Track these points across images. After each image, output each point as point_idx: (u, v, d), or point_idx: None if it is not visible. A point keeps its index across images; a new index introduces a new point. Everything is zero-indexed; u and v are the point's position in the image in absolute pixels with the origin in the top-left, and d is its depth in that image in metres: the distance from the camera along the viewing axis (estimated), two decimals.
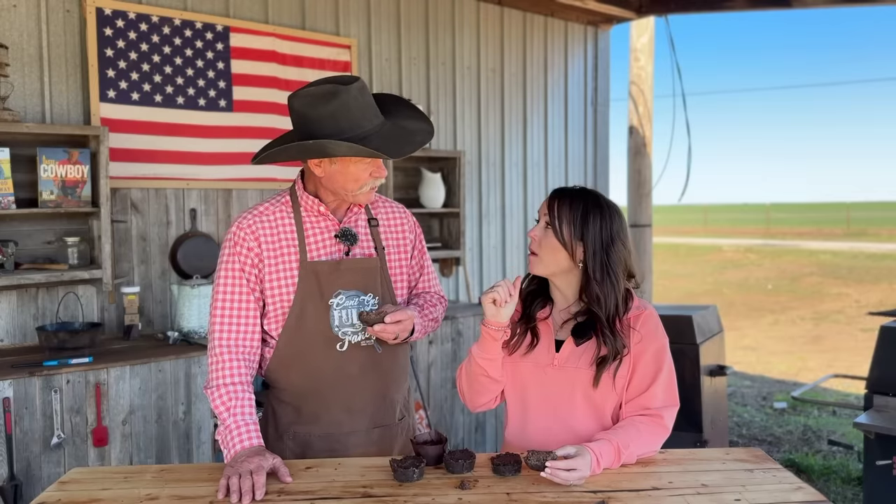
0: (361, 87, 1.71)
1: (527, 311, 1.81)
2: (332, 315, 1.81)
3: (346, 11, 4.25)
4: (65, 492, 1.57)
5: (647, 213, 6.07)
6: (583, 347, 1.73)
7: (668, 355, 1.77)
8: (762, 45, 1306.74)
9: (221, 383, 1.74)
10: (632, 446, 1.65)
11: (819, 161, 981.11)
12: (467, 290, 4.74)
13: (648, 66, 6.03)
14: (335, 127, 1.69)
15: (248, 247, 1.79)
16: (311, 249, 1.83)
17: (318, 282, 1.81)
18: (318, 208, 1.83)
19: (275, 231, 1.82)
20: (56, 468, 2.73)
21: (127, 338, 3.29)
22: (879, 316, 4.13)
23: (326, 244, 1.85)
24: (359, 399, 1.85)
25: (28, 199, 3.08)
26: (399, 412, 1.95)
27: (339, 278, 1.82)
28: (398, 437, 1.93)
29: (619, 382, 1.72)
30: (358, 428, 1.86)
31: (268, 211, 1.84)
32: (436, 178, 4.40)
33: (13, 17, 3.18)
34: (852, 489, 4.00)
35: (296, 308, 1.80)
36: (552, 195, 1.77)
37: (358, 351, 1.84)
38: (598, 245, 1.71)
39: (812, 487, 1.58)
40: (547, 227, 1.74)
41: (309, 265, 1.81)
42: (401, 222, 1.99)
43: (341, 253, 1.86)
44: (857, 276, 14.58)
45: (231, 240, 1.81)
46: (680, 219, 39.89)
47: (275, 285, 1.80)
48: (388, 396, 1.91)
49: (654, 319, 1.78)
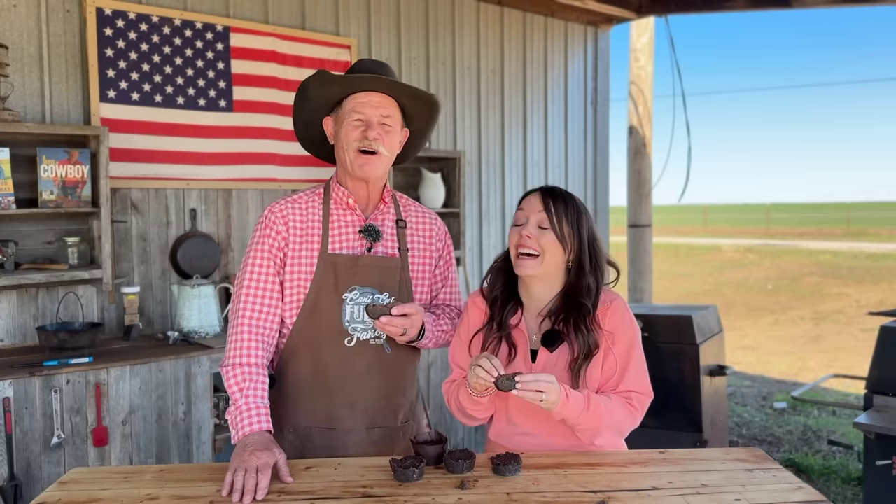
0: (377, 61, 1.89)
1: (498, 319, 1.80)
2: (345, 309, 1.82)
3: (346, 11, 4.25)
4: (65, 492, 1.57)
5: (647, 213, 6.07)
6: (557, 353, 1.74)
7: (638, 347, 1.77)
8: (762, 45, 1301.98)
9: (238, 363, 1.75)
10: (601, 407, 1.67)
11: (819, 161, 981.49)
12: (467, 291, 4.74)
13: (648, 66, 6.04)
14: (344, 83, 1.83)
15: (278, 230, 1.83)
16: (333, 241, 1.85)
17: (335, 274, 1.82)
18: (347, 200, 1.86)
19: (304, 219, 1.85)
20: (56, 468, 2.73)
21: (127, 338, 3.29)
22: (879, 316, 4.13)
23: (349, 238, 1.86)
24: (362, 397, 1.85)
25: (28, 199, 3.08)
26: (403, 416, 1.94)
27: (357, 273, 1.83)
28: (399, 441, 1.93)
29: (594, 377, 1.73)
30: (358, 426, 1.86)
31: (301, 199, 1.89)
32: (436, 178, 4.40)
33: (13, 17, 3.18)
34: (852, 489, 4.00)
35: (311, 297, 1.82)
36: (544, 195, 1.76)
37: (366, 348, 1.84)
38: (590, 239, 1.75)
39: (812, 487, 1.58)
40: (543, 228, 1.73)
41: (329, 256, 1.83)
42: (429, 228, 2.00)
43: (363, 248, 1.87)
44: (857, 276, 14.58)
45: (262, 222, 1.85)
46: (680, 219, 39.90)
47: (294, 271, 1.83)
48: (392, 398, 1.90)
49: (622, 310, 1.78)
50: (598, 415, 1.67)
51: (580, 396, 1.65)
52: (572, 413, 1.65)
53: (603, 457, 1.73)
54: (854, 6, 5.53)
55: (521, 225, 1.76)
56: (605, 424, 1.69)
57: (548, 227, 1.73)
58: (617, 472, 1.64)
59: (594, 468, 1.66)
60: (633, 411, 1.74)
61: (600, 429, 1.70)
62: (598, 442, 1.73)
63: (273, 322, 1.82)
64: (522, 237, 1.74)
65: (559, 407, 1.62)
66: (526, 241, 1.73)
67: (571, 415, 1.65)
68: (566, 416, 1.66)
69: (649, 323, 3.92)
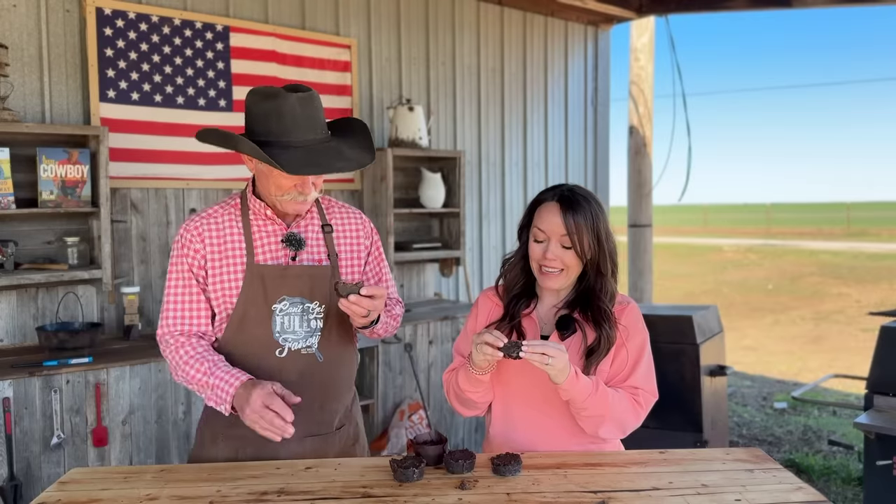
0: (304, 98, 1.71)
1: (510, 312, 1.81)
2: (275, 320, 1.79)
3: (346, 11, 4.25)
4: (65, 492, 1.57)
5: (647, 213, 6.07)
6: (567, 341, 1.75)
7: (648, 348, 1.80)
8: (762, 45, 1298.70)
9: (186, 358, 1.75)
10: (609, 397, 1.68)
11: (819, 161, 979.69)
12: (467, 290, 4.73)
13: (648, 65, 6.03)
14: (264, 127, 1.70)
15: (195, 248, 1.80)
16: (258, 253, 1.81)
17: (263, 286, 1.79)
18: (265, 212, 1.82)
19: (221, 233, 1.82)
20: (56, 468, 2.73)
21: (127, 338, 3.29)
22: (880, 316, 4.13)
23: (274, 248, 1.83)
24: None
25: (28, 199, 3.08)
26: (338, 421, 1.91)
27: (285, 284, 1.80)
28: (335, 446, 1.89)
29: (604, 370, 1.74)
30: (292, 436, 1.76)
31: (216, 213, 1.85)
32: (436, 178, 4.40)
33: (13, 17, 3.18)
34: (852, 489, 4.00)
35: (238, 310, 1.79)
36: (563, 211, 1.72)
37: (298, 358, 1.82)
38: (607, 243, 1.76)
39: (812, 488, 1.58)
40: (566, 248, 1.73)
41: (255, 268, 1.80)
42: (356, 228, 1.96)
43: (287, 258, 1.83)
44: (857, 276, 14.58)
45: (178, 242, 1.82)
46: (680, 219, 39.90)
47: (218, 287, 1.80)
48: (325, 406, 1.87)
49: (636, 312, 1.82)
50: (604, 402, 1.67)
51: (589, 381, 1.66)
52: (580, 394, 1.65)
53: (603, 457, 1.73)
54: (854, 6, 5.53)
55: (542, 242, 1.75)
56: (610, 415, 1.69)
57: (570, 246, 1.73)
58: (617, 472, 1.64)
59: (594, 468, 1.66)
60: (638, 409, 1.74)
61: (605, 418, 1.69)
62: (601, 433, 1.73)
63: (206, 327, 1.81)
64: (547, 259, 1.74)
65: (567, 384, 1.62)
66: (551, 263, 1.74)
67: (579, 396, 1.65)
68: (573, 397, 1.66)
69: (649, 323, 3.87)
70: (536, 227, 1.76)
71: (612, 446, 1.82)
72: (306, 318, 1.82)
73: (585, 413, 1.69)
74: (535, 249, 1.77)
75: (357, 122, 1.87)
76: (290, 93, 1.69)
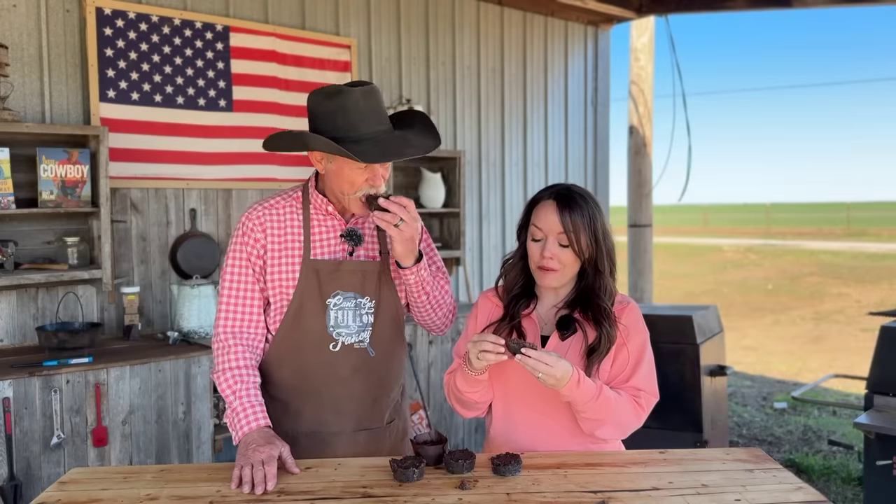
0: (367, 92, 1.73)
1: (510, 312, 1.81)
2: (329, 315, 1.82)
3: (346, 11, 4.25)
4: (64, 492, 1.57)
5: (647, 213, 6.07)
6: (568, 341, 1.74)
7: (649, 348, 1.80)
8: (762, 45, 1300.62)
9: (227, 367, 1.77)
10: (611, 402, 1.68)
11: (819, 161, 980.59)
12: (467, 290, 4.73)
13: (648, 65, 6.03)
14: (331, 125, 1.72)
15: (255, 237, 1.82)
16: (315, 247, 1.83)
17: (318, 280, 1.81)
18: (326, 207, 1.84)
19: (282, 225, 1.83)
20: (56, 468, 2.73)
21: (127, 338, 3.29)
22: (880, 316, 4.13)
23: (331, 243, 1.85)
24: (347, 401, 1.85)
25: (28, 199, 3.08)
26: (388, 416, 1.94)
27: (339, 278, 1.82)
28: (386, 440, 1.92)
29: (605, 370, 1.74)
30: (344, 429, 1.85)
31: (278, 204, 1.86)
32: (436, 178, 4.40)
33: (13, 17, 3.18)
34: (852, 489, 4.00)
35: (295, 303, 1.81)
36: (560, 209, 1.72)
37: (351, 352, 1.84)
38: (605, 241, 1.76)
39: (812, 487, 1.57)
40: (563, 246, 1.73)
41: (311, 262, 1.82)
42: None
43: (344, 253, 1.86)
44: (857, 276, 14.58)
45: (239, 230, 1.84)
46: (680, 219, 39.88)
47: (276, 279, 1.82)
48: (377, 400, 1.90)
49: (636, 312, 1.81)
50: (606, 408, 1.67)
51: (592, 385, 1.66)
52: (581, 399, 1.65)
53: (603, 457, 1.73)
54: (854, 6, 5.53)
55: (539, 240, 1.76)
56: (611, 419, 1.69)
57: (567, 244, 1.73)
58: (617, 472, 1.64)
59: (594, 468, 1.66)
60: (639, 410, 1.74)
61: (605, 422, 1.69)
62: (598, 435, 1.73)
63: (256, 328, 1.83)
64: (545, 258, 1.74)
65: (568, 389, 1.62)
66: (548, 262, 1.74)
67: (579, 400, 1.65)
68: (574, 400, 1.66)
69: (649, 323, 3.87)
70: (534, 226, 1.76)
71: (612, 446, 1.82)
72: (359, 313, 1.84)
73: (585, 416, 1.69)
74: (533, 249, 1.77)
75: (418, 112, 1.89)
76: (351, 88, 1.72)
